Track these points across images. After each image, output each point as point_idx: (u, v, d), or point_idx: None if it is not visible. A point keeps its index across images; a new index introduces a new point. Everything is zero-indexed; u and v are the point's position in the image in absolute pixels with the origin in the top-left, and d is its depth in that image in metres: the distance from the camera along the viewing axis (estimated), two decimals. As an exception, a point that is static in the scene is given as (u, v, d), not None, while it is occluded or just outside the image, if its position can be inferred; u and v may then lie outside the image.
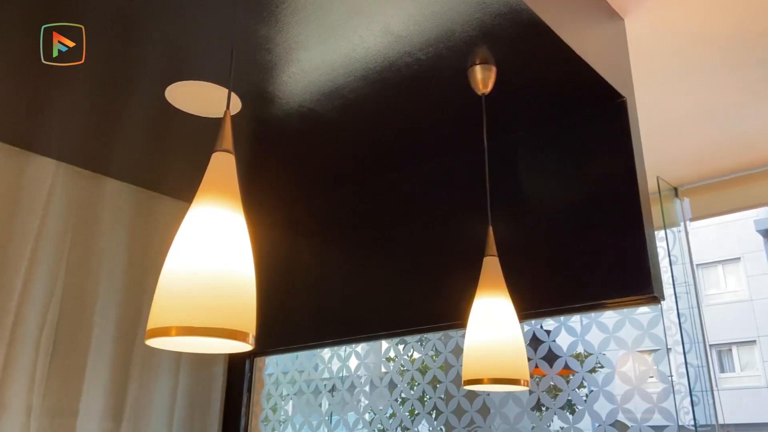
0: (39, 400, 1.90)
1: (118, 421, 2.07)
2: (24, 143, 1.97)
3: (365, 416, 2.18)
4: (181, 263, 0.88)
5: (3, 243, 1.90)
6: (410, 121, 1.84)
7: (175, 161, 2.11)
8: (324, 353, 2.42)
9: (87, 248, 2.10)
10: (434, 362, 2.06)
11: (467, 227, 1.87)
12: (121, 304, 2.16)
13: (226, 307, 0.86)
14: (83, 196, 2.12)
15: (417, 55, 1.52)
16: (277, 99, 1.72)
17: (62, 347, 1.99)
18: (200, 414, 2.28)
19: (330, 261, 2.21)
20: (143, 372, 2.16)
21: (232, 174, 0.97)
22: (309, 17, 1.39)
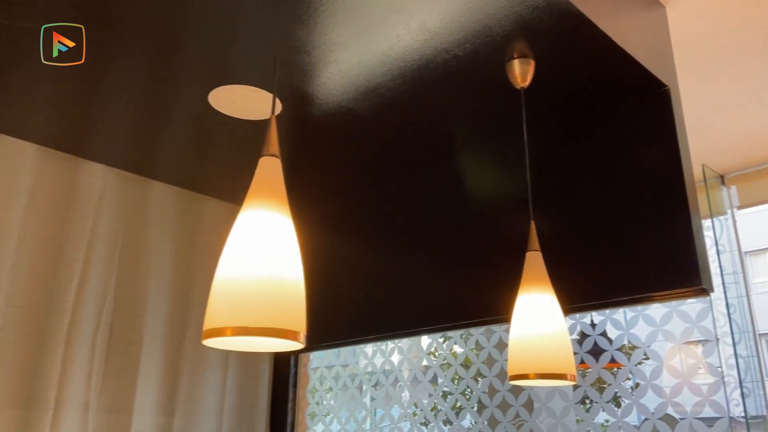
0: (96, 397, 1.97)
1: (171, 416, 2.14)
2: (76, 150, 2.04)
3: (409, 410, 2.20)
4: (234, 266, 0.91)
5: (59, 247, 1.98)
6: (448, 117, 1.84)
7: (218, 163, 2.16)
8: (367, 348, 2.45)
9: (137, 250, 2.17)
10: (477, 357, 2.06)
11: (509, 221, 1.86)
12: (170, 302, 2.22)
13: (278, 308, 0.89)
14: (132, 199, 2.19)
15: (454, 51, 1.52)
16: (316, 100, 1.75)
17: (116, 346, 2.06)
18: (248, 409, 2.34)
19: (371, 257, 2.23)
20: (193, 369, 2.22)
21: (279, 178, 0.99)
22: (347, 18, 1.41)
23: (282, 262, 0.92)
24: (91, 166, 2.09)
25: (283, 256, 0.93)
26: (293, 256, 0.95)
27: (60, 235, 1.99)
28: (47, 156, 2.01)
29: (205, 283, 2.32)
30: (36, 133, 1.93)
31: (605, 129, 1.74)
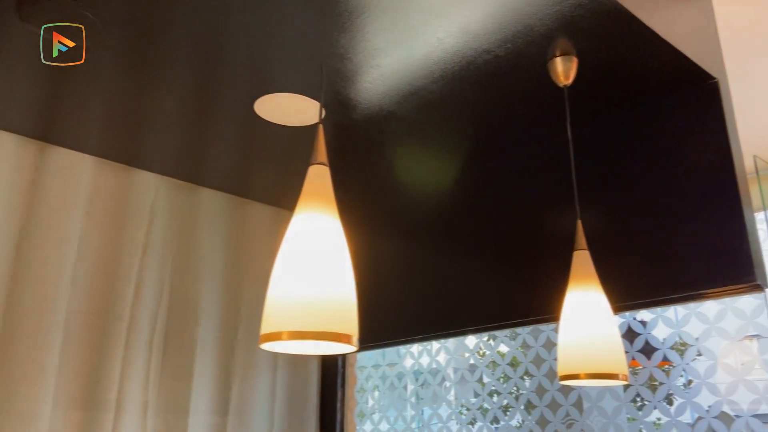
0: (153, 397, 2.05)
1: (224, 416, 2.20)
2: (129, 160, 2.12)
3: (456, 409, 2.21)
4: (288, 272, 0.94)
5: (115, 255, 2.06)
6: (490, 117, 1.84)
7: (264, 168, 2.21)
8: (413, 347, 2.46)
9: (188, 255, 2.24)
10: (525, 356, 2.06)
11: (555, 219, 1.85)
12: (221, 306, 2.29)
13: (331, 312, 0.92)
14: (182, 206, 2.26)
15: (495, 51, 1.52)
16: (358, 105, 1.77)
17: (171, 348, 2.13)
18: (298, 409, 2.39)
19: (416, 258, 2.24)
20: (244, 370, 2.28)
21: (328, 185, 1.02)
22: (388, 24, 1.43)
23: (334, 267, 0.95)
24: (143, 175, 2.17)
25: (335, 261, 0.95)
26: (344, 260, 0.97)
27: (116, 243, 2.07)
28: (103, 167, 2.09)
29: (253, 285, 2.38)
30: (92, 145, 2.01)
31: (652, 124, 1.71)
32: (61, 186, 1.97)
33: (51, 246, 1.91)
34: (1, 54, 1.54)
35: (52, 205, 1.94)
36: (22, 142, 1.93)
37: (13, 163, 1.90)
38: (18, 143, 1.92)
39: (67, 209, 1.96)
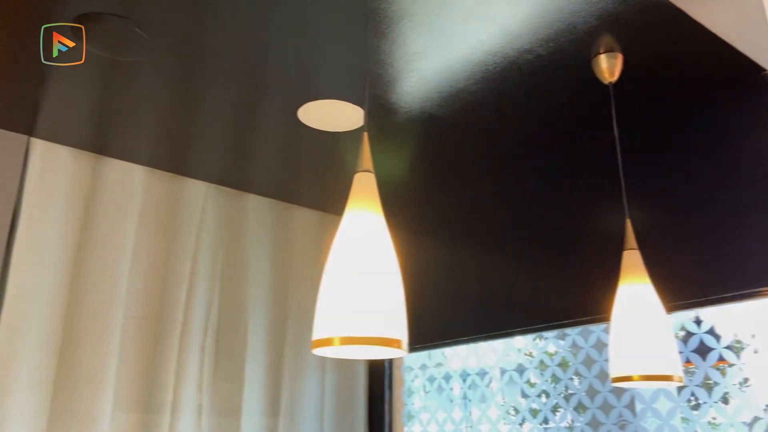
0: (207, 400, 2.10)
1: (276, 417, 2.24)
2: (179, 169, 2.18)
3: (506, 411, 2.20)
4: (338, 278, 0.96)
5: (168, 261, 2.12)
6: (533, 117, 1.83)
7: (308, 174, 2.24)
8: (460, 348, 2.46)
9: (236, 260, 2.30)
10: (575, 357, 2.03)
11: (603, 218, 1.83)
12: (269, 309, 2.33)
13: (382, 317, 0.93)
14: (230, 212, 2.32)
15: (537, 51, 1.51)
16: (399, 108, 1.78)
17: (223, 351, 2.18)
18: (348, 411, 2.41)
19: (462, 259, 2.24)
20: (293, 372, 2.32)
21: (374, 192, 1.03)
22: (428, 28, 1.44)
23: (383, 272, 0.96)
24: (193, 184, 2.23)
25: (384, 266, 0.97)
26: (393, 265, 0.99)
27: (168, 250, 2.13)
28: (154, 176, 2.16)
29: (299, 289, 2.42)
30: (143, 156, 2.08)
31: (701, 119, 1.67)
32: (115, 196, 2.04)
33: (107, 254, 1.98)
34: (57, 71, 1.61)
35: (107, 215, 2.02)
36: (78, 155, 2.02)
37: (71, 175, 1.98)
38: (74, 156, 2.00)
39: (121, 218, 2.03)
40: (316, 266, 2.49)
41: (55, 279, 1.88)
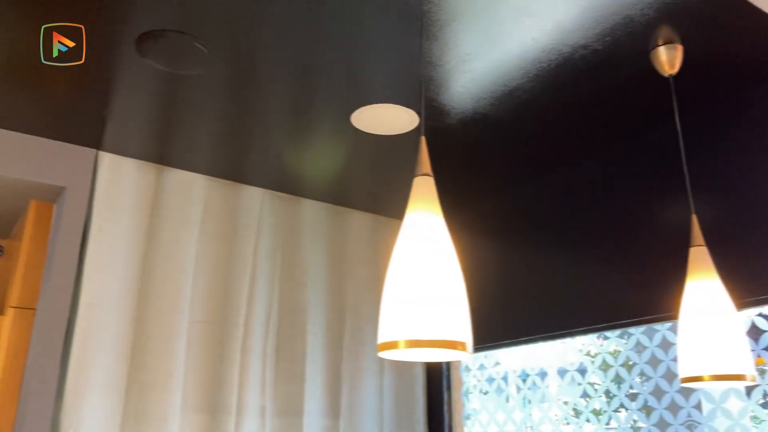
0: (270, 401, 2.15)
1: (337, 419, 2.28)
2: (236, 177, 2.24)
3: (568, 411, 2.17)
4: (401, 282, 0.97)
5: (228, 267, 2.18)
6: (590, 113, 1.79)
7: (361, 177, 2.27)
8: (519, 347, 2.43)
9: (294, 264, 2.34)
10: (640, 357, 1.98)
11: (667, 214, 1.78)
12: (326, 312, 2.37)
13: (445, 319, 0.93)
14: (286, 217, 2.37)
15: (593, 46, 1.49)
16: (452, 109, 1.78)
17: (283, 354, 2.23)
18: (407, 412, 2.42)
19: (519, 259, 2.22)
20: (352, 373, 2.35)
21: (433, 195, 1.04)
22: (479, 29, 1.43)
23: (445, 275, 0.97)
24: (250, 191, 2.29)
25: (445, 268, 0.97)
26: (454, 267, 0.99)
27: (229, 256, 2.19)
28: (213, 184, 2.22)
29: (356, 291, 2.44)
30: (203, 165, 2.15)
31: (766, 109, 1.61)
32: (178, 205, 2.12)
33: (172, 261, 2.05)
34: (122, 87, 1.69)
35: (171, 223, 2.09)
36: (143, 166, 2.10)
37: (136, 186, 2.06)
38: (139, 167, 2.09)
39: (184, 226, 2.10)
40: (370, 268, 2.51)
41: (125, 286, 1.96)
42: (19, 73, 1.62)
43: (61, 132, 1.93)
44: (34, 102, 1.76)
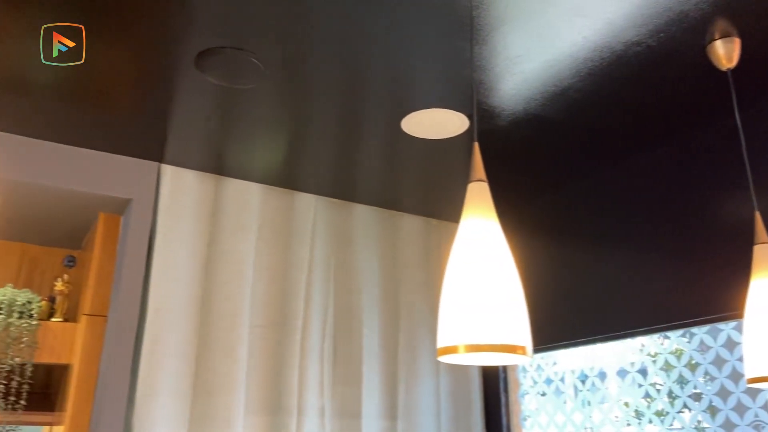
0: (329, 403, 2.20)
1: (394, 420, 2.30)
2: (290, 184, 2.30)
3: (629, 412, 2.13)
4: (459, 286, 0.98)
5: (285, 272, 2.24)
6: (644, 110, 1.76)
7: (412, 181, 2.29)
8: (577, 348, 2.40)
9: (348, 268, 2.38)
10: (703, 357, 1.93)
11: (729, 211, 1.73)
12: (381, 314, 2.40)
13: (505, 323, 0.94)
14: (339, 222, 2.41)
15: (647, 42, 1.46)
16: (502, 111, 1.78)
17: (340, 356, 2.27)
18: (464, 413, 2.43)
19: (577, 259, 2.20)
20: (408, 376, 2.37)
21: (488, 201, 1.05)
22: (529, 30, 1.43)
23: (503, 279, 0.98)
24: (303, 197, 2.34)
25: (503, 272, 0.98)
26: (512, 271, 1.00)
27: (285, 261, 2.25)
28: (268, 192, 2.29)
29: (409, 294, 2.46)
30: (258, 174, 2.21)
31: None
32: (235, 213, 2.19)
33: (232, 268, 2.13)
34: (181, 102, 1.76)
35: (229, 231, 2.16)
36: (202, 177, 2.18)
37: (196, 196, 2.14)
38: (198, 178, 2.17)
39: (242, 233, 2.17)
40: (423, 271, 2.53)
41: (189, 292, 2.04)
42: (87, 93, 1.71)
43: (126, 147, 2.02)
44: (100, 120, 1.86)
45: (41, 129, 1.91)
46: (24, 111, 1.80)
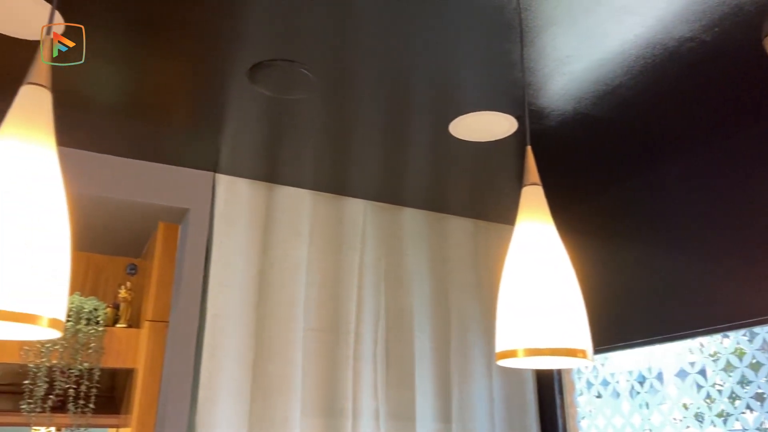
0: (383, 406, 2.22)
1: (448, 423, 2.31)
2: (340, 190, 2.34)
3: (689, 414, 2.08)
4: (517, 289, 0.99)
5: (337, 277, 2.28)
6: (699, 105, 1.73)
7: (460, 184, 2.29)
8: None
9: (398, 271, 2.40)
10: (767, 357, 1.88)
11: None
12: (432, 317, 2.41)
13: (565, 327, 0.95)
14: (388, 226, 2.44)
15: (701, 38, 1.44)
16: (551, 112, 1.78)
17: (393, 360, 2.29)
18: (518, 415, 2.42)
19: (632, 258, 2.16)
20: (461, 378, 2.37)
21: (543, 204, 1.05)
22: (577, 30, 1.42)
23: (561, 281, 0.98)
24: (353, 203, 2.38)
25: (561, 276, 0.98)
26: (570, 273, 1.00)
27: (336, 266, 2.29)
28: (319, 198, 2.33)
29: (459, 296, 2.47)
30: (308, 181, 2.26)
31: None
32: (287, 219, 2.24)
33: (285, 273, 2.18)
34: (234, 114, 1.81)
35: (282, 238, 2.22)
36: (254, 185, 2.23)
37: (249, 203, 2.20)
38: (251, 186, 2.23)
39: (294, 239, 2.22)
40: (472, 273, 2.53)
41: (245, 298, 2.10)
42: (145, 108, 1.79)
43: (182, 158, 2.09)
44: (158, 133, 1.93)
45: (103, 144, 2.00)
46: (87, 127, 1.89)
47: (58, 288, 0.74)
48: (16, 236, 0.71)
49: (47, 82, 0.82)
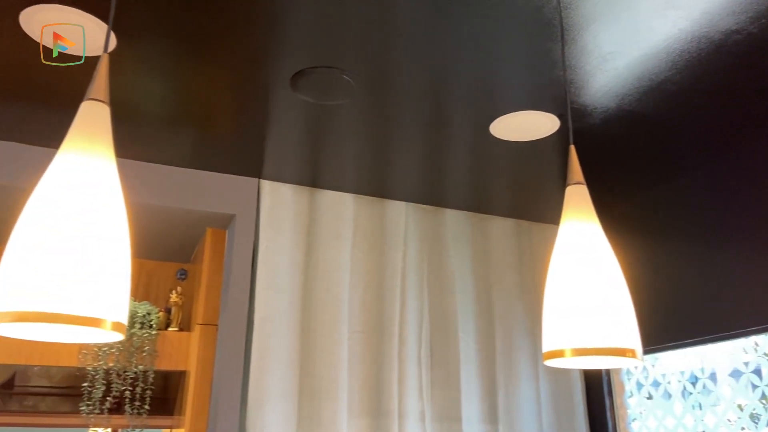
0: (428, 407, 2.23)
1: (495, 424, 2.30)
2: (381, 193, 2.36)
3: (744, 415, 2.02)
4: (564, 289, 0.99)
5: (380, 279, 2.30)
6: (747, 99, 1.68)
7: (501, 184, 2.28)
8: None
9: (441, 273, 2.41)
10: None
11: None
12: (476, 318, 2.41)
13: (613, 326, 0.94)
14: (430, 227, 2.44)
15: (748, 30, 1.40)
16: (594, 110, 1.76)
17: (437, 361, 2.30)
18: (567, 417, 2.39)
19: (679, 256, 2.12)
20: (507, 379, 2.36)
21: (588, 204, 1.05)
22: (619, 27, 1.41)
23: (607, 281, 0.97)
24: (394, 205, 2.40)
25: (608, 275, 0.98)
26: (617, 271, 0.99)
27: (379, 268, 2.31)
28: (361, 201, 2.36)
29: (503, 296, 2.46)
30: (350, 184, 2.29)
31: None
32: (330, 223, 2.27)
33: (329, 275, 2.21)
34: (277, 121, 1.85)
35: (325, 240, 2.25)
36: (298, 190, 2.28)
37: (293, 208, 2.25)
38: (295, 191, 2.27)
39: (337, 242, 2.25)
40: (516, 273, 2.51)
41: (291, 300, 2.14)
42: (191, 117, 1.84)
43: (228, 165, 2.15)
44: (204, 141, 1.99)
45: (152, 153, 2.07)
46: (137, 138, 1.96)
47: (120, 293, 0.77)
48: (83, 245, 0.75)
49: (105, 98, 0.86)
